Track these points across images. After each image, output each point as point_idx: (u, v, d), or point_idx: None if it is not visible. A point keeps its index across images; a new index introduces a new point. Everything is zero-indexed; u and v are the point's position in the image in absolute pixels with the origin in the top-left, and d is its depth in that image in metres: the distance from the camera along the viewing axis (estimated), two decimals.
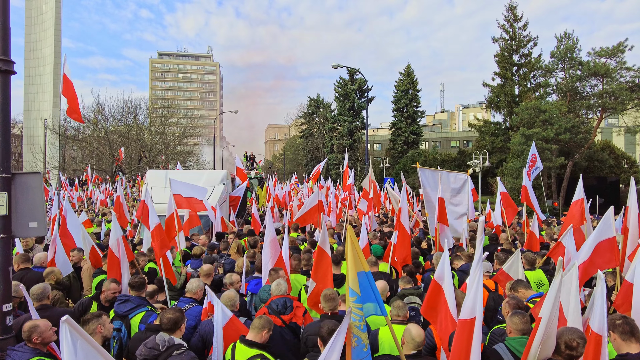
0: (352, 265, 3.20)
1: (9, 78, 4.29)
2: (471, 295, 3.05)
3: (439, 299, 4.05)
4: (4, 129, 4.27)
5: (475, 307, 3.01)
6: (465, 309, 3.09)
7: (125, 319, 4.74)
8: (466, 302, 3.12)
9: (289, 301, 4.68)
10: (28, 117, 79.07)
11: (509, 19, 39.16)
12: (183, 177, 13.87)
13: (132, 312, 4.76)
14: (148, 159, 43.94)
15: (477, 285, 3.03)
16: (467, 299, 3.11)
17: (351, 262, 3.20)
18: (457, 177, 10.12)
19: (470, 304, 3.05)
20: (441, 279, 4.02)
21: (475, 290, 3.02)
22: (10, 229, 4.26)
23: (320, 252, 5.30)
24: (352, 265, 3.20)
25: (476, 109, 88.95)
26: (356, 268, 3.20)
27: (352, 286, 3.17)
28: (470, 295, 3.06)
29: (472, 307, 3.02)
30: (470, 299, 3.05)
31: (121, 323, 4.69)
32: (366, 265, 3.26)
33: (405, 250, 7.04)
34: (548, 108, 29.08)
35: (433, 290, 4.11)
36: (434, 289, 4.10)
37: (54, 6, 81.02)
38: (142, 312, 4.77)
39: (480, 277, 3.06)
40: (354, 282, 3.17)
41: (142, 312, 4.78)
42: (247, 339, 3.71)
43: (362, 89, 55.54)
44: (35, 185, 4.41)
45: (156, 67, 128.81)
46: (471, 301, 3.04)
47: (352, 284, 3.17)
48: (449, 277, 3.96)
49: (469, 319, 3.03)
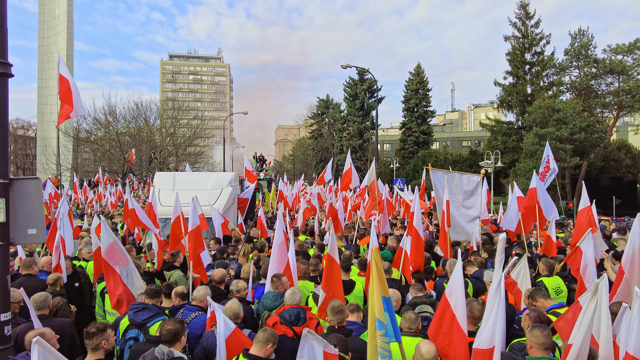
0: (377, 291, 2.88)
1: (6, 81, 4.16)
2: (490, 320, 2.75)
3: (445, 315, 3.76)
4: (2, 132, 4.14)
5: (495, 335, 2.71)
6: (482, 336, 2.80)
7: (143, 328, 4.58)
8: (484, 329, 2.82)
9: (303, 312, 4.47)
10: (42, 120, 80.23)
11: (521, 16, 38.51)
12: (191, 179, 13.82)
13: (150, 321, 4.60)
14: (159, 160, 44.18)
15: (497, 311, 2.72)
16: (486, 327, 2.82)
17: (377, 288, 2.88)
18: (471, 178, 9.82)
19: (489, 330, 2.75)
20: (451, 293, 3.74)
21: (496, 315, 2.72)
22: (8, 236, 4.13)
23: (329, 260, 5.10)
24: (377, 291, 2.88)
25: (487, 108, 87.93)
26: (378, 294, 2.91)
27: (379, 316, 2.84)
28: (490, 321, 2.76)
29: (492, 334, 2.72)
30: (490, 325, 2.75)
31: (139, 332, 4.54)
32: (387, 291, 2.95)
33: (419, 257, 6.77)
34: (562, 107, 28.47)
35: (441, 307, 3.84)
36: (442, 305, 3.82)
37: (66, 10, 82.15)
38: (160, 321, 4.62)
39: (501, 302, 2.75)
40: (380, 312, 2.84)
41: (161, 320, 4.62)
42: (250, 353, 3.53)
43: (371, 89, 55.21)
44: (34, 191, 4.28)
45: (167, 69, 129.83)
46: (490, 328, 2.74)
47: (378, 314, 2.84)
48: (460, 290, 3.70)
49: (486, 349, 2.74)
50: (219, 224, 10.11)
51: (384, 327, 2.83)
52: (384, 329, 2.83)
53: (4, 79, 4.12)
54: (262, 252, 8.19)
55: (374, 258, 2.94)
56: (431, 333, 3.83)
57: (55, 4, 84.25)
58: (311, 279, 6.34)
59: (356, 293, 5.96)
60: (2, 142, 4.14)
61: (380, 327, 2.83)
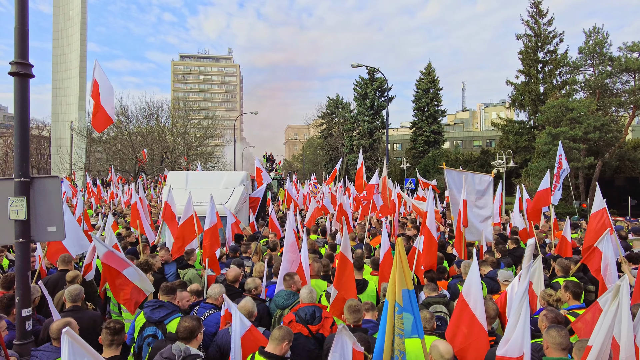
0: (399, 280, 2.97)
1: (27, 82, 4.26)
2: (518, 328, 2.71)
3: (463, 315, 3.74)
4: (22, 132, 4.24)
5: (523, 344, 2.67)
6: (510, 344, 2.77)
7: (161, 325, 4.62)
8: (512, 336, 2.78)
9: (319, 311, 4.48)
10: (56, 120, 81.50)
11: (534, 14, 38.07)
12: (203, 179, 13.92)
13: (167, 318, 4.64)
14: (170, 160, 44.55)
15: (525, 318, 2.68)
16: (514, 334, 2.77)
17: (399, 277, 2.96)
18: (482, 178, 9.75)
19: (517, 339, 2.70)
20: (468, 294, 3.72)
21: (523, 324, 2.68)
22: (29, 234, 4.22)
23: (342, 259, 5.10)
24: (399, 280, 2.97)
25: (499, 108, 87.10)
26: (402, 285, 2.97)
27: (397, 300, 2.94)
28: (518, 329, 2.72)
29: (520, 343, 2.68)
30: (518, 334, 2.71)
31: (156, 329, 4.58)
32: (410, 284, 3.01)
33: (431, 258, 6.74)
34: (576, 106, 28.09)
35: (458, 308, 3.82)
36: (460, 306, 3.80)
37: (80, 12, 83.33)
38: (177, 318, 4.66)
39: (526, 308, 2.71)
40: (399, 296, 2.94)
41: (178, 317, 4.67)
42: (266, 350, 3.55)
43: (382, 89, 54.98)
44: (53, 190, 4.36)
45: (178, 69, 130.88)
46: (519, 336, 2.69)
47: (398, 299, 2.94)
48: (477, 289, 3.68)
49: (516, 357, 2.70)
50: (230, 224, 10.17)
51: (398, 306, 2.92)
52: (398, 307, 2.92)
53: (25, 79, 4.22)
54: (275, 251, 8.22)
55: (399, 249, 2.94)
56: (449, 334, 3.80)
57: (69, 5, 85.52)
58: (324, 278, 6.35)
59: (369, 292, 5.96)
60: (22, 141, 4.24)
61: (399, 309, 2.91)
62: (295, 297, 5.15)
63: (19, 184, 4.12)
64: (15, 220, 4.12)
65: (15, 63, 4.13)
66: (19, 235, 4.14)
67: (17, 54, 4.15)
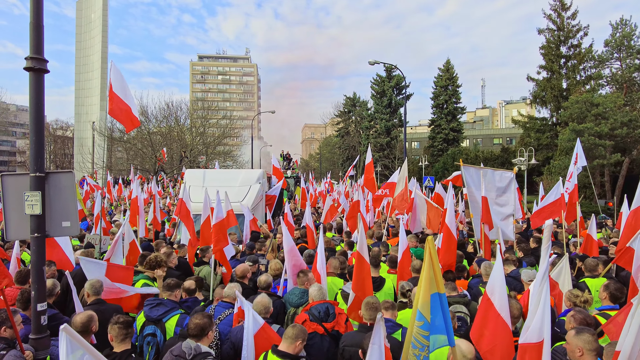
0: (426, 285, 2.79)
1: (42, 77, 4.25)
2: (537, 314, 2.59)
3: (489, 315, 3.57)
4: (37, 128, 4.23)
5: (543, 329, 2.55)
6: (529, 330, 2.64)
7: (160, 323, 4.59)
8: (532, 323, 2.65)
9: (332, 307, 4.37)
10: (78, 120, 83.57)
11: (557, 8, 37.01)
12: (220, 176, 13.98)
13: (165, 316, 4.60)
14: (189, 159, 45.12)
15: (544, 302, 2.56)
16: (534, 320, 2.65)
17: (426, 281, 2.78)
18: (503, 175, 9.45)
19: (537, 324, 2.59)
20: (493, 292, 3.55)
21: (543, 307, 2.56)
22: (44, 228, 4.22)
23: (359, 259, 4.98)
24: (426, 285, 2.79)
25: (520, 105, 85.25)
26: (431, 289, 2.79)
27: (421, 309, 2.77)
28: (537, 314, 2.60)
29: (540, 328, 2.56)
30: (537, 319, 2.59)
31: (155, 328, 4.55)
32: (442, 286, 2.83)
33: (451, 256, 6.57)
34: (601, 101, 27.18)
35: (483, 308, 3.64)
36: (484, 306, 3.62)
37: (101, 15, 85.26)
38: (176, 315, 4.63)
39: (546, 293, 2.59)
40: (425, 305, 2.75)
41: (176, 314, 4.63)
42: (279, 349, 3.46)
43: (399, 86, 54.47)
44: (68, 185, 4.36)
45: (196, 69, 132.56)
46: (538, 321, 2.58)
47: (422, 308, 2.76)
48: (501, 288, 3.51)
49: (535, 343, 2.58)
50: (248, 221, 10.14)
51: (423, 320, 2.72)
52: (422, 321, 2.73)
53: (40, 74, 4.21)
54: None
55: (429, 250, 2.78)
56: (474, 335, 3.62)
57: (91, 9, 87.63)
58: (340, 276, 6.24)
59: (386, 290, 5.82)
60: (37, 137, 4.23)
61: (420, 318, 2.74)
62: (308, 295, 5.05)
63: (34, 179, 4.12)
64: (30, 215, 4.13)
65: (30, 58, 4.12)
66: (34, 230, 4.14)
67: (32, 49, 4.14)
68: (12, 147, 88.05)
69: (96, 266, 5.42)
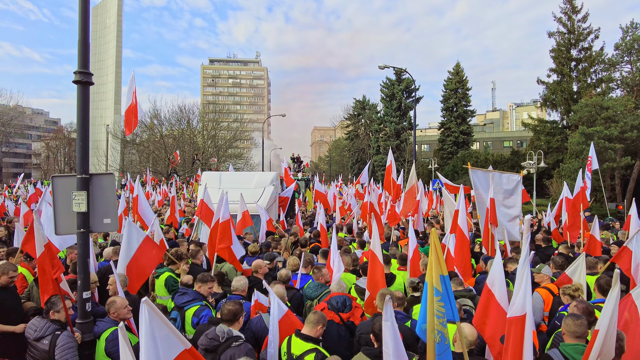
0: (436, 267, 3.18)
1: (87, 89, 4.76)
2: (521, 291, 2.99)
3: (490, 304, 3.96)
4: (84, 134, 4.74)
5: (525, 304, 2.95)
6: (515, 306, 3.04)
7: (182, 311, 5.05)
8: (515, 298, 3.06)
9: (349, 300, 4.78)
10: (93, 124, 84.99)
11: (567, 11, 37.00)
12: (236, 178, 14.47)
13: (187, 305, 5.06)
14: (201, 161, 45.86)
15: (526, 280, 2.97)
16: (517, 295, 3.06)
17: (435, 264, 3.18)
18: (510, 178, 9.77)
19: (520, 300, 2.99)
20: (493, 284, 3.94)
21: (525, 285, 2.96)
22: (88, 225, 4.71)
23: (372, 259, 5.38)
24: (436, 267, 3.18)
25: (530, 108, 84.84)
26: (437, 270, 3.18)
27: (436, 285, 3.14)
28: (520, 291, 3.00)
29: (523, 303, 2.96)
30: (521, 295, 2.99)
31: (177, 314, 5.01)
32: (445, 269, 3.24)
33: (465, 257, 6.79)
34: (611, 104, 27.17)
35: (484, 298, 4.03)
36: (486, 296, 4.02)
37: (116, 20, 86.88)
38: (196, 306, 5.05)
39: (528, 272, 2.99)
40: (437, 282, 3.14)
41: (196, 305, 5.06)
42: (302, 333, 3.87)
43: (409, 89, 54.69)
44: (109, 185, 4.84)
45: (207, 73, 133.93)
46: (521, 297, 2.98)
47: (436, 284, 3.15)
48: (501, 280, 3.89)
49: (519, 316, 2.98)
50: (265, 221, 10.60)
51: (439, 294, 3.10)
52: (439, 295, 3.11)
53: (86, 87, 4.71)
54: (305, 248, 8.61)
55: (433, 239, 3.18)
56: (477, 323, 4.01)
57: (106, 14, 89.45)
58: (352, 272, 6.64)
59: (397, 286, 6.20)
60: (83, 142, 4.73)
61: (437, 294, 3.11)
62: (323, 288, 5.47)
63: (80, 180, 4.61)
64: (77, 212, 4.61)
65: (79, 72, 4.62)
66: (80, 226, 4.63)
67: (80, 64, 4.65)
68: (27, 149, 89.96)
69: (138, 234, 6.06)
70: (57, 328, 4.13)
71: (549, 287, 5.73)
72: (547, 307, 5.42)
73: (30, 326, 4.18)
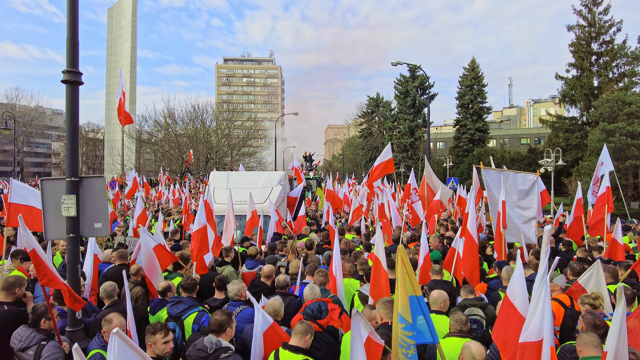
0: (402, 289, 2.93)
1: (77, 88, 4.59)
2: (537, 312, 2.67)
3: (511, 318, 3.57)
4: (73, 135, 4.56)
5: (542, 327, 2.63)
6: (529, 329, 2.72)
7: (179, 320, 4.84)
8: (531, 322, 2.73)
9: (324, 305, 4.54)
10: (109, 123, 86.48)
11: (587, 3, 35.88)
12: (243, 178, 14.31)
13: (185, 313, 4.85)
14: (215, 160, 46.05)
15: (544, 302, 2.64)
16: (534, 319, 2.72)
17: (401, 286, 2.93)
18: (526, 177, 9.34)
19: (536, 323, 2.66)
20: (514, 297, 3.54)
21: (542, 308, 2.63)
22: (78, 229, 4.55)
23: (376, 264, 5.11)
24: (402, 289, 2.93)
25: (548, 104, 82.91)
26: (407, 292, 2.93)
27: (402, 312, 2.91)
28: (537, 313, 2.67)
29: (539, 327, 2.64)
30: (537, 317, 2.66)
31: (175, 324, 4.80)
32: (418, 289, 2.98)
33: (473, 261, 6.42)
34: (635, 100, 26.22)
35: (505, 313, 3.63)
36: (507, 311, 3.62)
37: (131, 21, 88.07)
38: (194, 313, 4.85)
39: (546, 292, 2.66)
40: (405, 308, 2.89)
41: (194, 312, 4.86)
42: (290, 344, 3.65)
43: (423, 86, 53.92)
44: (99, 188, 4.67)
45: (222, 72, 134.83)
46: (538, 319, 2.65)
47: (402, 311, 2.90)
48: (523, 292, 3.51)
49: (534, 341, 2.66)
50: (274, 222, 10.39)
51: (405, 322, 2.86)
52: (404, 323, 2.86)
53: (75, 86, 4.54)
54: (311, 250, 8.32)
55: (401, 256, 2.93)
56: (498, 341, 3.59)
57: (121, 15, 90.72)
58: (357, 277, 6.35)
59: None
60: (72, 144, 4.56)
61: (402, 321, 2.87)
62: (326, 294, 5.19)
63: (69, 183, 4.45)
64: (66, 216, 4.45)
65: (67, 72, 4.45)
66: (69, 231, 4.47)
67: (68, 63, 4.48)
68: (47, 149, 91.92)
69: (152, 241, 6.02)
70: (43, 338, 3.96)
71: (559, 298, 5.19)
72: (558, 321, 4.90)
73: (16, 336, 4.02)
